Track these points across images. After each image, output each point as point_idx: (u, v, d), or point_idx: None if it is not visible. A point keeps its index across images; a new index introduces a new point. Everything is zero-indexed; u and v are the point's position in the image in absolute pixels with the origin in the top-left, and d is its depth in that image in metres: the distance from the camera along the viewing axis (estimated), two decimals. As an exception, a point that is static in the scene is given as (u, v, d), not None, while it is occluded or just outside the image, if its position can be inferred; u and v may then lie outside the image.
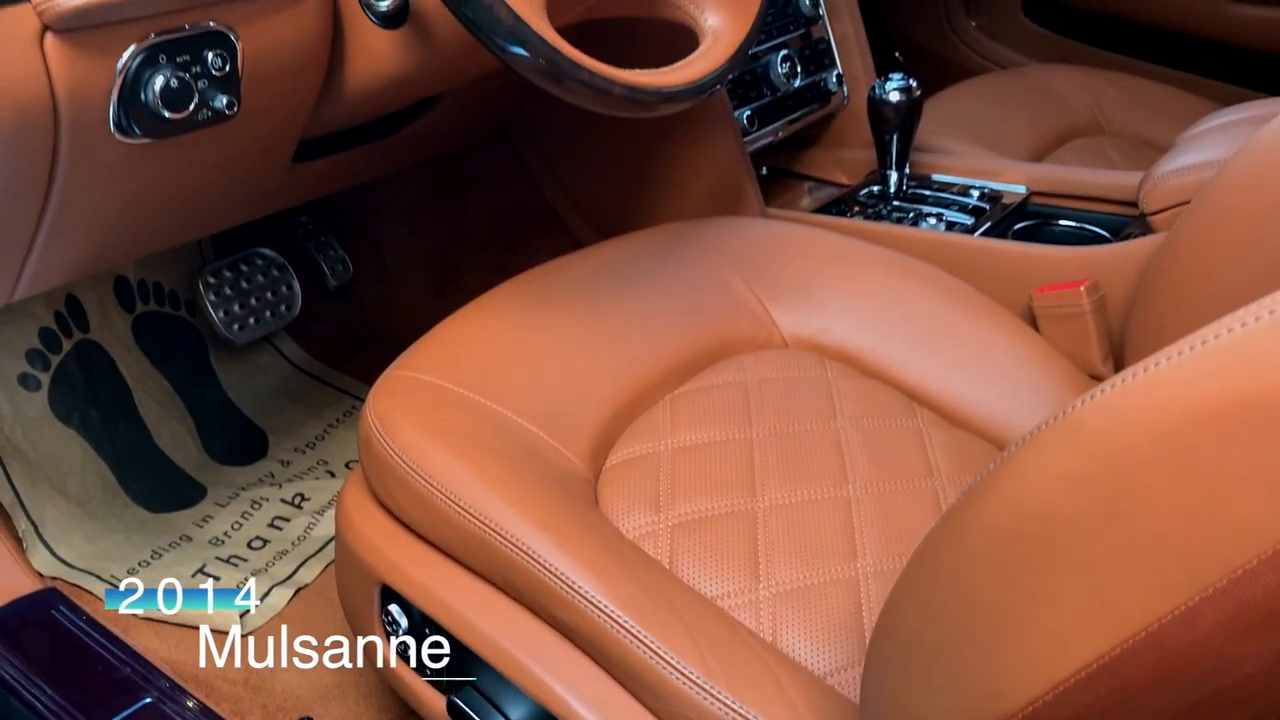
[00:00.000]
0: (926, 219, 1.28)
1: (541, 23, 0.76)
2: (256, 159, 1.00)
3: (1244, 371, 0.38)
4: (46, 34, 0.73)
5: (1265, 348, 0.37)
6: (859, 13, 1.51)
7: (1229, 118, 1.13)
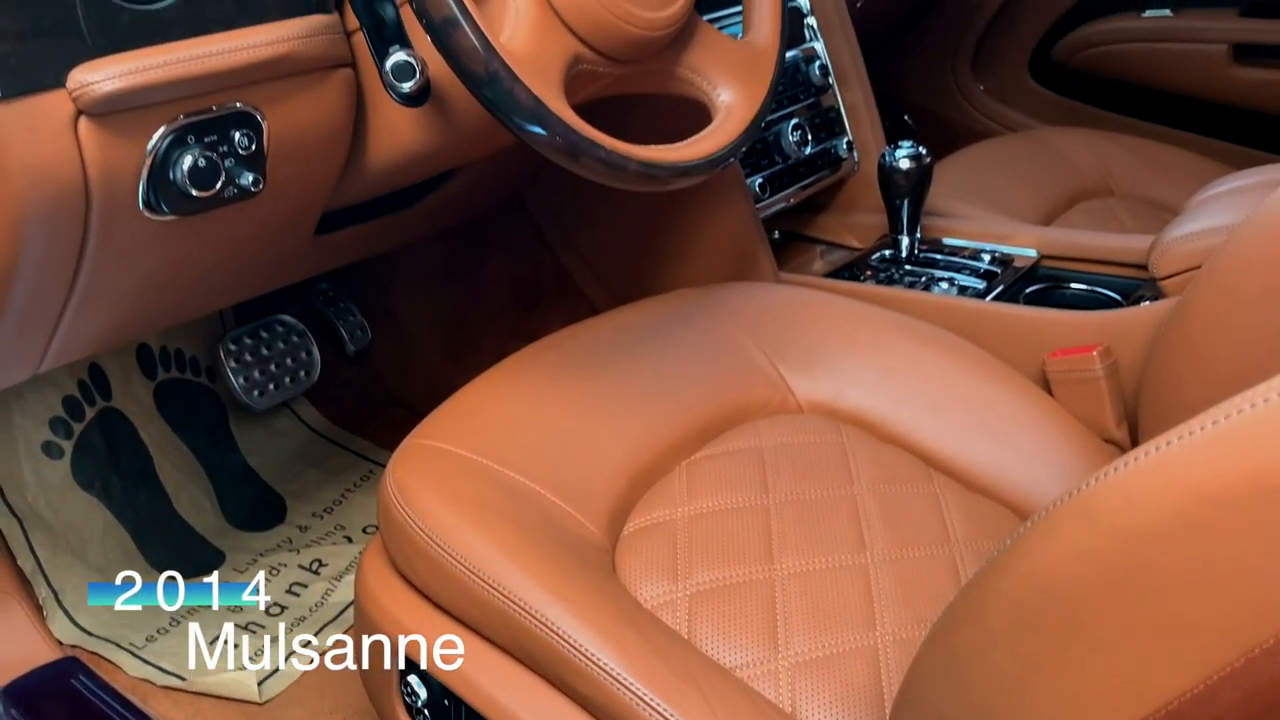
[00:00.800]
0: (939, 283, 1.29)
1: (559, 103, 0.78)
2: (280, 232, 1.03)
3: (1254, 452, 0.39)
4: (81, 118, 0.75)
5: (1274, 429, 0.38)
6: (868, 81, 1.53)
7: (1236, 183, 1.14)
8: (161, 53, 0.77)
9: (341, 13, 0.90)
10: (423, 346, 1.67)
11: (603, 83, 0.91)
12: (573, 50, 0.83)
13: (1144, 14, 1.95)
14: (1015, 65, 2.13)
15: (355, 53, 0.91)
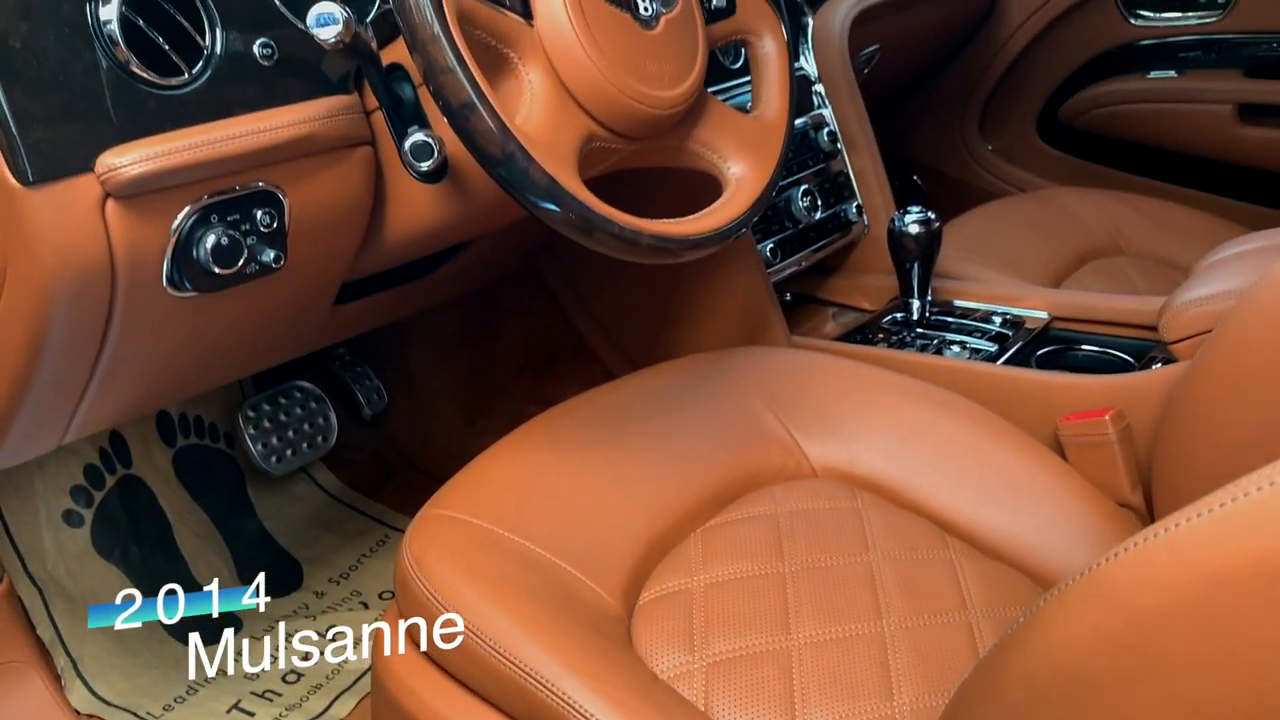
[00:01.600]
0: (950, 347, 1.30)
1: (574, 181, 0.80)
2: (299, 305, 1.04)
3: (1263, 535, 0.40)
4: (108, 200, 0.77)
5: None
6: (875, 146, 1.55)
7: (1244, 246, 1.15)
8: (187, 135, 0.79)
9: (361, 93, 0.92)
10: (438, 410, 1.68)
11: (616, 158, 0.93)
12: (586, 129, 0.85)
13: (1149, 75, 1.97)
14: (1023, 126, 2.16)
15: (374, 130, 0.93)
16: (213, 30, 0.83)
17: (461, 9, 0.77)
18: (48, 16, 0.74)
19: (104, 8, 0.77)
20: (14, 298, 0.80)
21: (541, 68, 0.83)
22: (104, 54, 0.77)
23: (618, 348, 1.49)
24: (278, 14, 0.87)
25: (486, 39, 0.81)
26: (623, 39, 0.85)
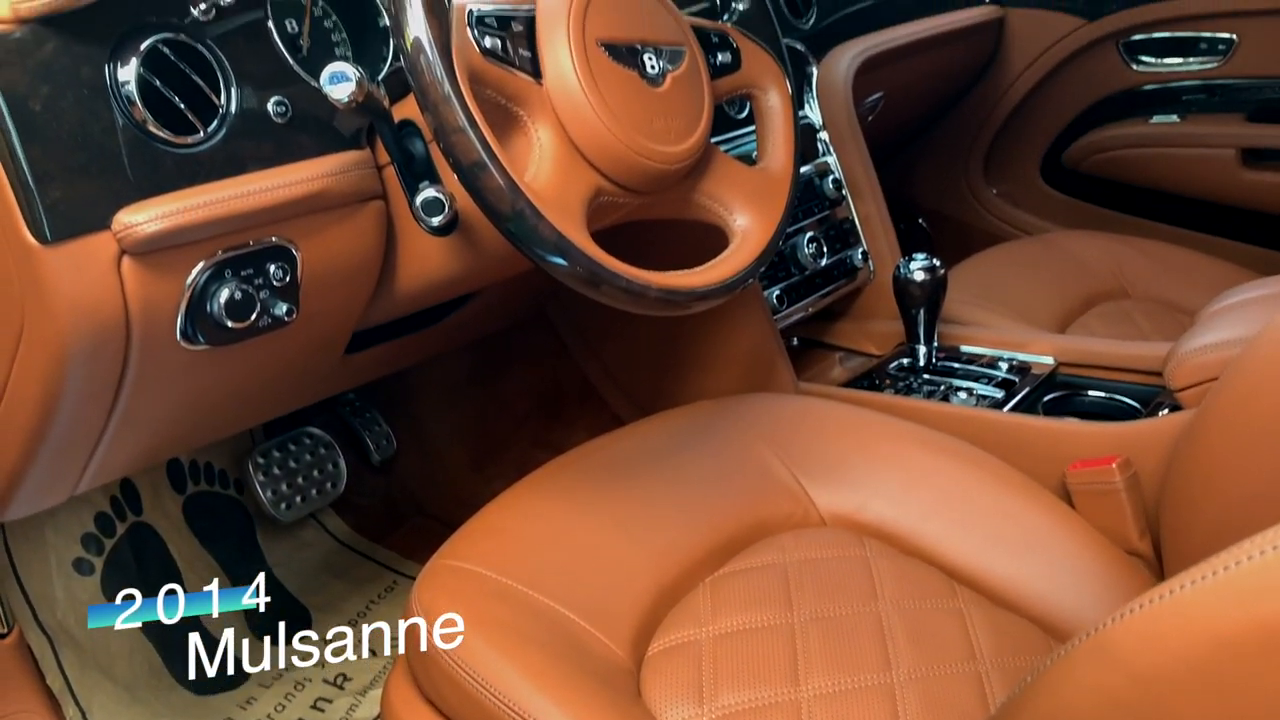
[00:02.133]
0: (957, 393, 1.30)
1: (582, 236, 0.81)
2: (311, 355, 1.05)
3: (1267, 600, 0.40)
4: (124, 257, 0.78)
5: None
6: (880, 192, 1.57)
7: (1249, 294, 1.16)
8: (202, 193, 0.80)
9: (373, 147, 0.93)
10: (447, 455, 1.69)
11: (624, 211, 0.94)
12: (595, 184, 0.86)
13: (1152, 120, 1.99)
14: (1027, 169, 2.17)
15: (386, 184, 0.94)
16: (228, 89, 0.85)
17: (472, 69, 0.78)
18: (68, 79, 0.76)
19: (122, 69, 0.79)
20: (30, 354, 0.81)
21: (550, 125, 0.85)
22: (122, 114, 0.79)
23: (625, 393, 1.49)
24: (292, 72, 0.89)
25: (496, 98, 0.82)
26: (630, 96, 0.87)
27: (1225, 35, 1.88)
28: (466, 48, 0.78)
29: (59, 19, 0.76)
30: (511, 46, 0.83)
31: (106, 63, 0.79)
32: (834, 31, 1.63)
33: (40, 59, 0.75)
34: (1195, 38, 1.92)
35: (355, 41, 0.99)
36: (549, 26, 0.84)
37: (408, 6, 0.76)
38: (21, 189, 0.74)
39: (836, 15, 1.65)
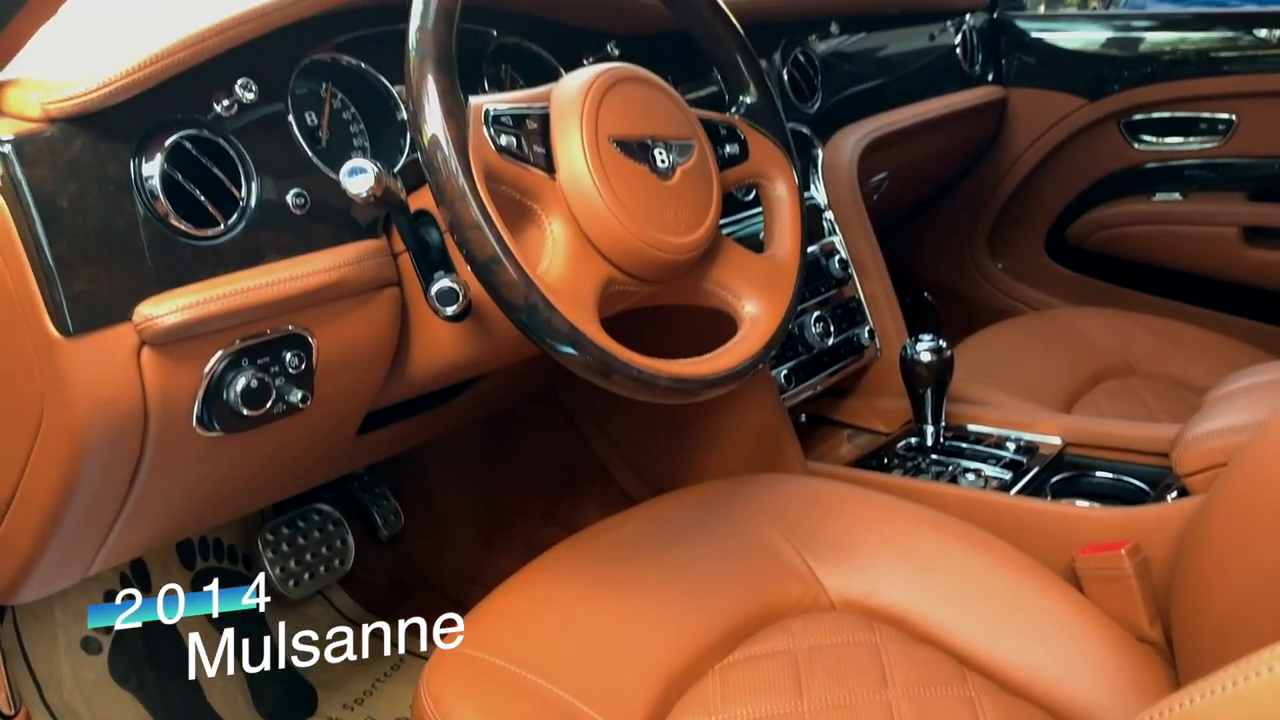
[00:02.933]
0: (965, 474, 1.31)
1: (593, 327, 0.82)
2: (323, 438, 1.06)
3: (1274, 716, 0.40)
4: (144, 348, 0.80)
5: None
6: (886, 272, 1.59)
7: (1255, 379, 1.17)
8: (222, 284, 0.82)
9: (389, 235, 0.95)
10: (456, 531, 1.69)
11: (634, 299, 0.95)
12: (606, 275, 0.88)
13: (1154, 197, 2.01)
14: (1031, 245, 2.20)
15: (401, 271, 0.96)
16: (248, 182, 0.87)
17: (488, 167, 0.80)
18: (94, 175, 0.78)
19: (147, 164, 0.81)
20: (49, 441, 0.83)
21: (563, 218, 0.86)
22: (145, 208, 0.81)
23: (634, 470, 1.50)
24: (311, 164, 0.91)
25: (511, 193, 0.84)
26: (641, 190, 0.89)
27: (1224, 116, 1.91)
28: (483, 146, 0.80)
29: (88, 117, 0.78)
30: (526, 144, 0.85)
31: (131, 158, 0.81)
32: (839, 113, 1.66)
33: (68, 157, 0.77)
34: (1195, 118, 1.95)
35: (373, 132, 1.02)
36: (562, 124, 0.86)
37: (426, 106, 0.78)
38: (46, 283, 0.76)
39: (841, 96, 1.68)
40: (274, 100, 0.90)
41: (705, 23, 1.05)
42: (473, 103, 0.82)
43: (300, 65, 0.93)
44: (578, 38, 1.20)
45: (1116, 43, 2.02)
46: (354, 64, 0.98)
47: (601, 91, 0.88)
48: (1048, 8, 2.46)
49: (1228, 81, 1.88)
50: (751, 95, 1.07)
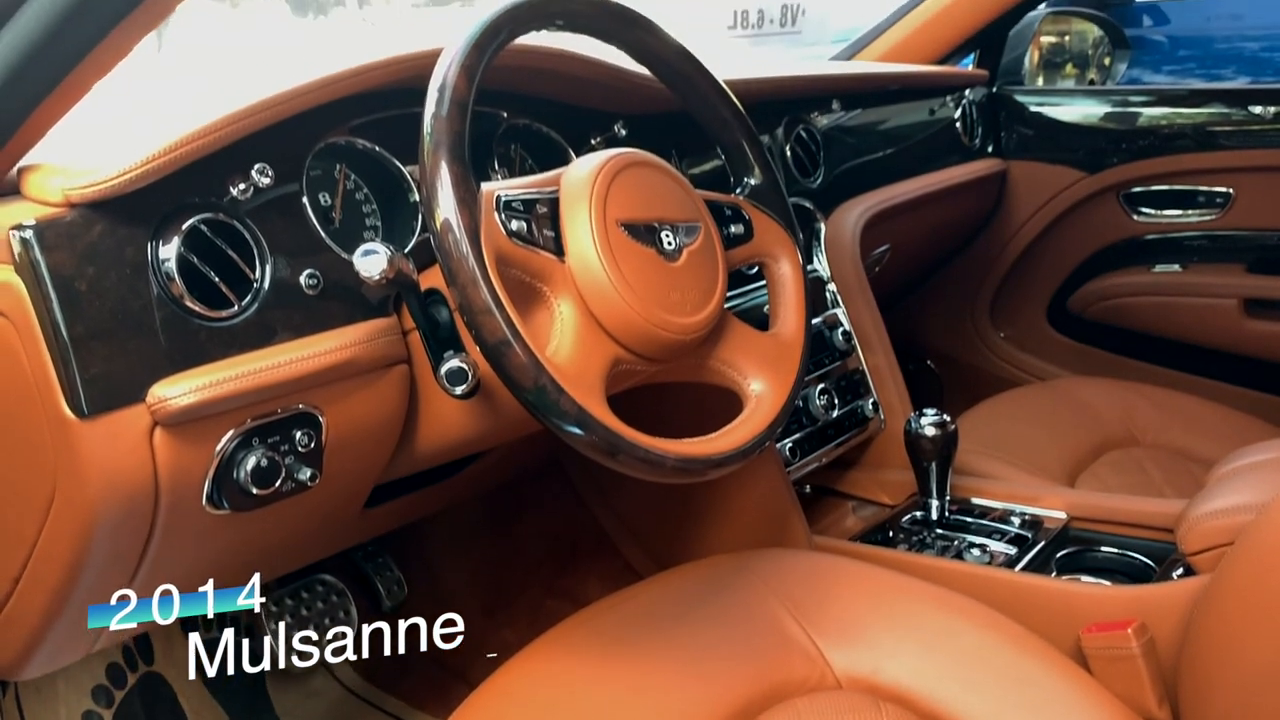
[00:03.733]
0: (971, 550, 1.31)
1: (601, 408, 0.83)
2: (330, 514, 1.07)
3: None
4: (156, 428, 0.81)
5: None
6: (889, 344, 1.60)
7: (1258, 456, 1.17)
8: (234, 365, 0.83)
9: (399, 313, 0.97)
10: (458, 602, 1.68)
11: (641, 377, 0.96)
12: (614, 355, 0.89)
13: (1154, 268, 2.04)
14: (1033, 314, 2.21)
15: (410, 349, 0.97)
16: (263, 264, 0.88)
17: (499, 252, 0.82)
18: (112, 259, 0.80)
19: (164, 247, 0.83)
20: (59, 520, 0.83)
21: (572, 300, 0.88)
22: (160, 290, 0.82)
23: (639, 543, 1.50)
24: (324, 244, 0.93)
25: (521, 276, 0.86)
26: (648, 272, 0.90)
27: (1222, 189, 1.94)
28: (494, 232, 0.82)
29: (107, 203, 0.80)
30: (536, 228, 0.87)
31: (149, 241, 0.82)
32: (841, 187, 1.68)
33: (88, 241, 0.78)
34: (1193, 191, 1.98)
35: (385, 212, 1.03)
36: (571, 209, 0.88)
37: (440, 193, 0.80)
38: (63, 366, 0.77)
39: (843, 170, 1.71)
40: (289, 182, 0.92)
41: (711, 107, 1.07)
42: (484, 189, 0.84)
43: (315, 149, 0.95)
44: (586, 118, 1.23)
45: (1114, 117, 2.06)
46: (368, 147, 1.00)
47: (609, 177, 0.90)
48: (1045, 82, 2.51)
49: (1224, 156, 1.92)
50: (756, 177, 1.09)
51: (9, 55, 0.75)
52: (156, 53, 2.22)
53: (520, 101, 1.16)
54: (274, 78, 0.92)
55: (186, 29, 2.66)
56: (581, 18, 0.95)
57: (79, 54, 0.76)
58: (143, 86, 0.81)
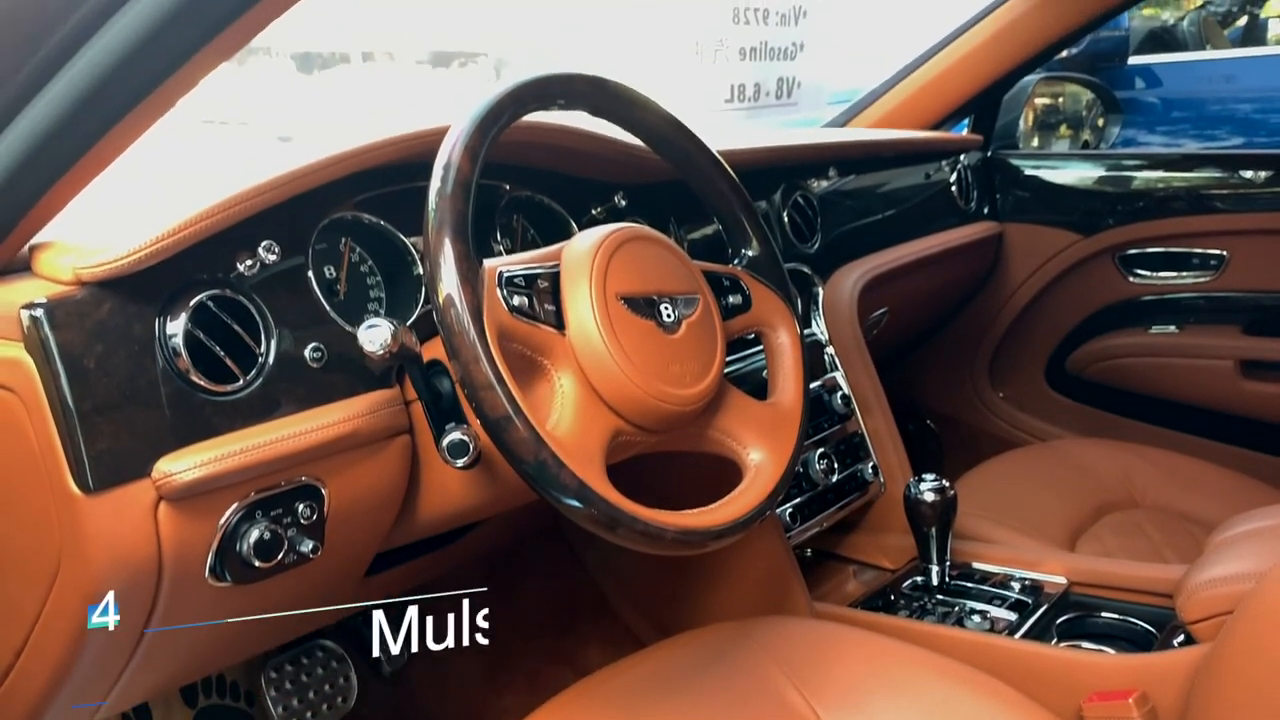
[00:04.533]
0: (971, 616, 1.31)
1: (601, 482, 0.84)
2: (332, 583, 1.07)
3: None
4: (161, 503, 0.81)
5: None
6: (887, 406, 1.61)
7: (1256, 523, 1.17)
8: (239, 439, 0.84)
9: (401, 384, 0.98)
10: (459, 666, 1.67)
11: (640, 448, 0.97)
12: (614, 427, 0.90)
13: (1151, 330, 2.05)
14: (1032, 375, 2.22)
15: (413, 419, 0.98)
16: (268, 339, 0.90)
17: (501, 328, 0.83)
18: (120, 336, 0.81)
19: (171, 323, 0.84)
20: (63, 593, 0.84)
21: (573, 373, 0.89)
22: (167, 365, 0.83)
23: (639, 608, 1.50)
24: (328, 317, 0.94)
25: (522, 350, 0.87)
26: (647, 344, 0.92)
27: (1216, 252, 1.96)
28: (496, 307, 0.83)
29: (116, 281, 0.81)
30: (537, 302, 0.88)
31: (157, 318, 0.84)
32: (838, 252, 1.70)
33: (97, 319, 0.80)
34: (1188, 253, 2.00)
35: (389, 284, 1.05)
36: (572, 284, 0.90)
37: (442, 271, 0.81)
38: (70, 442, 0.78)
39: (840, 234, 1.73)
40: (295, 256, 0.94)
41: (708, 180, 1.09)
42: (486, 266, 0.86)
43: (322, 224, 0.97)
44: (587, 189, 1.25)
45: (1108, 180, 2.09)
46: (373, 221, 1.02)
47: (609, 252, 0.92)
48: (1041, 143, 2.55)
49: (1218, 219, 1.94)
50: (754, 248, 1.11)
51: (26, 138, 0.76)
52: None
53: (522, 173, 1.18)
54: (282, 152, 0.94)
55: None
56: (582, 97, 0.98)
57: (95, 136, 0.77)
58: (151, 146, 0.82)
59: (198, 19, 0.67)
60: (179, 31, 0.69)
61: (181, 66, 0.71)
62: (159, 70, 0.72)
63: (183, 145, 1.51)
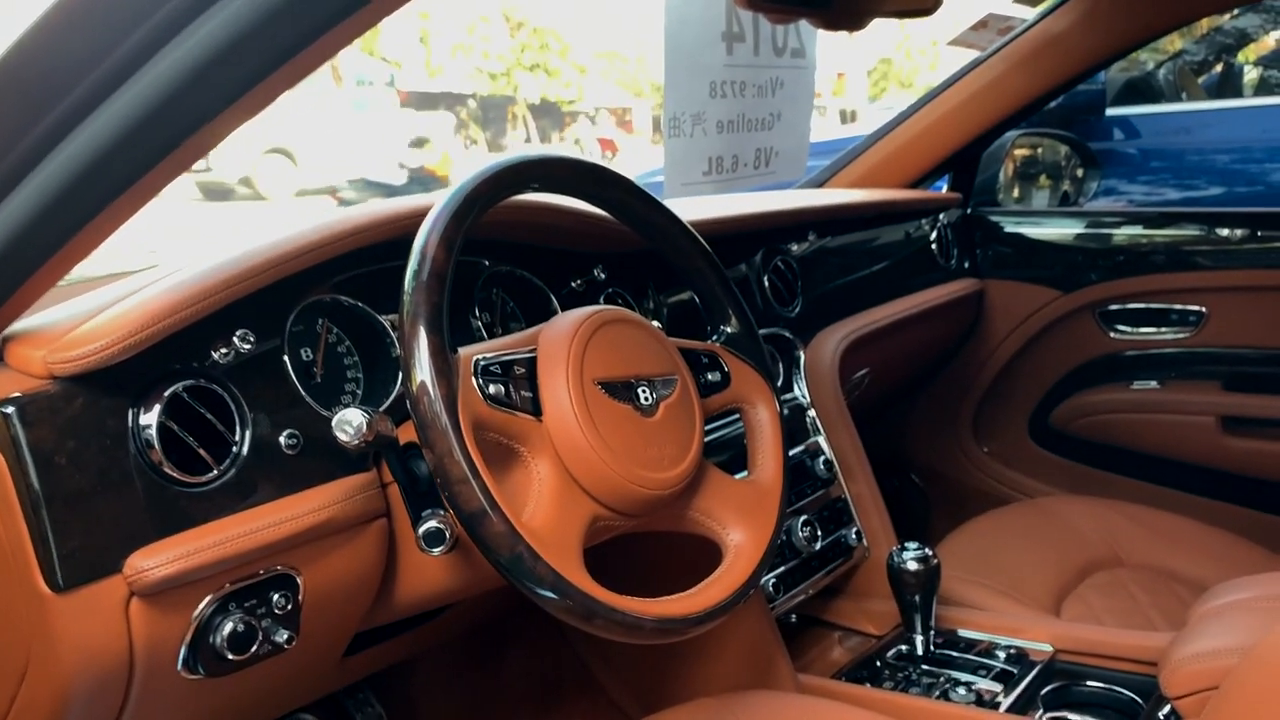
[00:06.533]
0: (956, 688, 1.29)
1: (578, 574, 0.83)
2: (308, 669, 1.06)
3: None
4: (133, 599, 0.80)
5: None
6: (870, 471, 1.60)
7: (1238, 594, 1.17)
8: (213, 532, 0.84)
9: (379, 467, 0.97)
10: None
11: (618, 531, 0.97)
12: (592, 513, 0.90)
13: (1133, 385, 2.06)
14: (1015, 430, 2.23)
15: (389, 502, 0.97)
16: (243, 428, 0.89)
17: (477, 418, 0.83)
18: (93, 431, 0.80)
19: (144, 415, 0.83)
20: (32, 692, 0.83)
21: (550, 460, 0.89)
22: (140, 457, 0.83)
23: (623, 681, 1.48)
24: (304, 402, 0.94)
25: (498, 439, 0.86)
26: (625, 429, 0.91)
27: (1195, 308, 1.97)
28: (471, 398, 0.83)
29: (89, 375, 0.81)
30: (514, 390, 0.88)
31: (129, 409, 0.83)
32: (819, 314, 1.70)
33: (69, 415, 0.79)
34: (1167, 309, 2.01)
35: (366, 364, 1.04)
36: (549, 370, 0.90)
37: (416, 364, 0.81)
38: (40, 542, 0.77)
39: (821, 296, 1.73)
40: (271, 340, 0.93)
41: (686, 257, 1.09)
42: (462, 354, 0.86)
43: (299, 307, 0.97)
44: (566, 261, 1.25)
45: (1087, 237, 2.10)
46: (351, 303, 1.01)
47: (586, 337, 0.92)
48: (1020, 195, 2.57)
49: (1196, 276, 1.96)
50: (732, 325, 1.11)
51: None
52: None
53: (501, 248, 1.18)
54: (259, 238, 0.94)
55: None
56: (556, 180, 0.98)
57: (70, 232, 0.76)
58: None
59: (170, 125, 0.67)
60: (154, 132, 0.68)
61: (158, 164, 0.71)
62: (138, 164, 0.71)
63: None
